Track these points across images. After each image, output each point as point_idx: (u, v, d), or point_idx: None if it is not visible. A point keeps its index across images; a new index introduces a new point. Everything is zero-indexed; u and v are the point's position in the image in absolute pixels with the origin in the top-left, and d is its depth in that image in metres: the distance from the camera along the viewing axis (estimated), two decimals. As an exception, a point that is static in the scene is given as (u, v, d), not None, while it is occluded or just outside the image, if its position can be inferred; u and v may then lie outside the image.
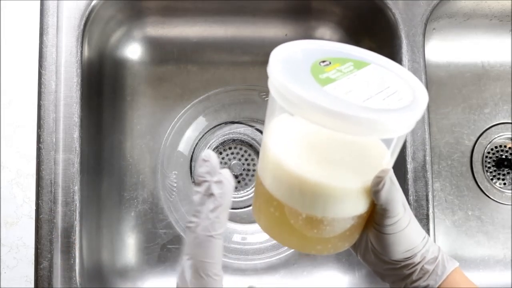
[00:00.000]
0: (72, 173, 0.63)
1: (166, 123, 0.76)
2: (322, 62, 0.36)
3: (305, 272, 0.75)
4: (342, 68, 0.36)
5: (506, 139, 0.80)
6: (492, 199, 0.79)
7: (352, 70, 0.36)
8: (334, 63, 0.36)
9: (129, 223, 0.74)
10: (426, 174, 0.66)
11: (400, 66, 0.39)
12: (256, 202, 0.41)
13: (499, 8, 0.77)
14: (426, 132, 0.67)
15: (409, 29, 0.69)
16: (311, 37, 0.79)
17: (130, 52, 0.77)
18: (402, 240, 0.42)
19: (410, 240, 0.42)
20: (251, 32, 0.78)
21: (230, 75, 0.78)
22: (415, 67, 0.68)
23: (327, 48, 0.38)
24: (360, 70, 0.37)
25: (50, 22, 0.65)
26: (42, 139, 0.63)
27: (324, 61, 0.36)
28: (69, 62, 0.65)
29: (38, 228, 0.61)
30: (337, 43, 0.39)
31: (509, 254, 0.78)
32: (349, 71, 0.36)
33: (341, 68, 0.36)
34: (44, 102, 0.63)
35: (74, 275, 0.61)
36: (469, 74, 0.81)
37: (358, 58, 0.38)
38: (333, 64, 0.36)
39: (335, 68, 0.36)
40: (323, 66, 0.36)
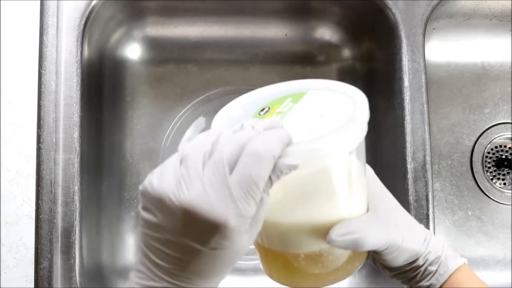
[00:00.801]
0: (72, 173, 0.63)
1: (166, 123, 0.76)
2: (261, 111, 0.37)
3: (305, 272, 0.75)
4: (281, 108, 0.37)
5: (506, 139, 0.80)
6: (492, 199, 0.79)
7: (291, 107, 0.37)
8: (273, 106, 0.37)
9: (129, 223, 0.74)
10: (426, 174, 0.66)
11: (335, 82, 0.39)
12: (261, 260, 0.43)
13: (499, 8, 0.77)
14: (426, 132, 0.67)
15: (409, 29, 0.69)
16: (311, 37, 0.79)
17: (130, 52, 0.77)
18: (401, 253, 0.42)
19: (409, 250, 0.42)
20: (251, 32, 0.78)
21: (230, 75, 0.78)
22: (415, 67, 0.68)
23: (266, 94, 0.40)
24: (299, 102, 0.37)
25: (50, 22, 0.65)
26: (42, 139, 0.63)
27: (263, 109, 0.38)
28: (69, 62, 0.65)
29: (38, 228, 0.61)
30: (276, 85, 0.40)
31: (509, 254, 0.78)
32: (288, 109, 0.37)
33: (280, 108, 0.37)
34: (44, 102, 0.63)
35: (74, 275, 0.61)
36: (469, 74, 0.81)
37: (296, 91, 0.39)
38: (272, 108, 0.37)
39: (274, 112, 0.37)
40: (263, 115, 0.37)
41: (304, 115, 0.36)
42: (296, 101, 0.38)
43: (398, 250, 0.41)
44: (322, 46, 0.79)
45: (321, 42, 0.79)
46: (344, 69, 0.79)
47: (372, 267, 0.74)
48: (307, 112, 0.36)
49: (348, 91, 0.38)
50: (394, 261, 0.42)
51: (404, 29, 0.69)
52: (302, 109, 0.37)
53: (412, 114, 0.67)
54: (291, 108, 0.37)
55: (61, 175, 0.62)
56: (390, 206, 0.42)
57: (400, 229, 0.41)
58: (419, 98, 0.68)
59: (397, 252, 0.41)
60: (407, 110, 0.67)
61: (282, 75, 0.78)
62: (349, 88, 0.38)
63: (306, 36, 0.79)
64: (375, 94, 0.74)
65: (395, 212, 0.41)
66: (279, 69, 0.79)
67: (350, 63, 0.79)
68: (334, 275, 0.41)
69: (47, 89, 0.64)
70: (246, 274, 0.74)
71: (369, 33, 0.76)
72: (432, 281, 0.43)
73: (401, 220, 0.41)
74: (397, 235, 0.40)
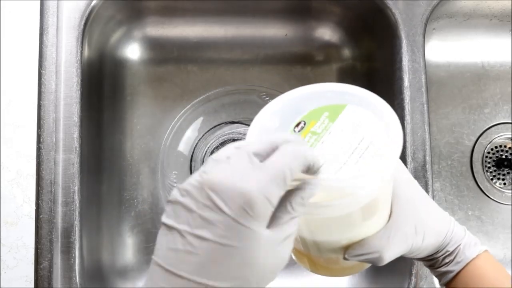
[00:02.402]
0: (72, 173, 0.63)
1: (166, 123, 0.76)
2: (296, 127, 0.37)
3: (305, 272, 0.75)
4: (317, 126, 0.37)
5: (506, 139, 0.80)
6: (492, 199, 0.79)
7: (327, 126, 0.37)
8: (309, 122, 0.37)
9: (129, 223, 0.74)
10: (426, 174, 0.66)
11: (371, 94, 0.39)
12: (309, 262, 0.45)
13: (499, 8, 0.77)
14: (426, 132, 0.67)
15: (409, 29, 0.69)
16: (311, 37, 0.79)
17: (130, 52, 0.77)
18: (421, 252, 0.43)
19: (430, 248, 0.43)
20: (251, 32, 0.78)
21: (230, 75, 0.78)
22: (415, 67, 0.68)
23: (304, 101, 0.39)
24: (335, 122, 0.37)
25: (50, 22, 0.65)
26: (42, 139, 0.63)
27: (298, 123, 0.37)
28: (69, 62, 0.65)
29: (38, 228, 0.61)
30: (315, 87, 0.40)
31: (509, 254, 0.78)
32: (323, 129, 0.37)
33: (316, 126, 0.37)
34: (44, 102, 0.63)
35: (74, 275, 0.61)
36: (469, 74, 0.81)
37: (334, 102, 0.38)
38: (308, 124, 0.37)
39: (310, 131, 0.37)
40: (298, 132, 0.37)
41: (339, 144, 0.36)
42: (332, 119, 0.37)
43: (418, 250, 0.42)
44: (322, 46, 0.79)
45: (321, 42, 0.79)
46: (344, 69, 0.79)
47: (372, 267, 0.74)
48: (342, 138, 0.36)
49: (382, 109, 0.38)
50: (414, 257, 0.43)
51: (404, 29, 0.69)
52: (338, 133, 0.37)
53: (412, 114, 0.67)
54: (327, 129, 0.37)
55: (61, 175, 0.62)
56: (411, 209, 0.42)
57: (421, 231, 0.41)
58: (419, 98, 0.68)
59: (417, 252, 0.42)
60: (407, 110, 0.67)
61: (282, 75, 0.78)
62: (383, 105, 0.38)
63: (306, 36, 0.79)
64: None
65: (416, 213, 0.41)
66: (279, 69, 0.79)
67: (350, 63, 0.79)
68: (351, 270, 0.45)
69: (47, 89, 0.64)
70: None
71: (369, 33, 0.76)
72: (449, 268, 0.43)
73: (422, 221, 0.42)
74: (416, 239, 0.41)
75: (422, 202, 0.43)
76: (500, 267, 0.44)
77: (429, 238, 0.42)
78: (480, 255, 0.43)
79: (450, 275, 0.43)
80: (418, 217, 0.42)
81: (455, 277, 0.43)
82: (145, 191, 0.75)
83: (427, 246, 0.42)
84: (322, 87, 0.39)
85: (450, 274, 0.43)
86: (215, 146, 0.76)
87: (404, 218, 0.41)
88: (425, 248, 0.42)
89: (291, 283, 0.74)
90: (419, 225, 0.41)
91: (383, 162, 0.34)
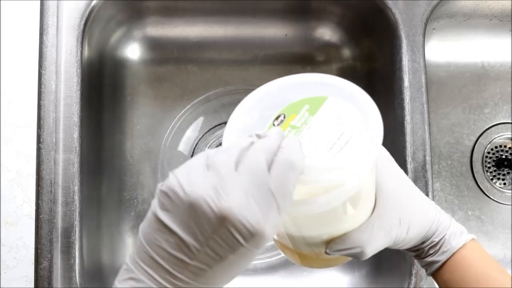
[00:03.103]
0: (72, 173, 0.63)
1: (166, 123, 0.76)
2: (276, 120, 0.37)
3: (305, 272, 0.75)
4: (297, 119, 0.36)
5: (506, 139, 0.80)
6: (492, 199, 0.79)
7: (307, 120, 0.36)
8: (289, 115, 0.37)
9: (129, 223, 0.74)
10: (426, 174, 0.66)
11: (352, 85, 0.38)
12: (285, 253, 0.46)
13: (499, 8, 0.77)
14: (426, 132, 0.67)
15: (409, 29, 0.69)
16: (311, 37, 0.79)
17: (130, 52, 0.77)
18: (406, 244, 0.43)
19: (414, 239, 0.42)
20: (251, 32, 0.78)
21: (230, 75, 0.78)
22: (415, 67, 0.68)
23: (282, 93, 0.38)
24: (315, 115, 0.37)
25: (50, 22, 0.65)
26: (42, 139, 0.63)
27: (278, 117, 0.37)
28: (69, 62, 0.65)
29: (38, 228, 0.61)
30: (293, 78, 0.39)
31: (509, 254, 0.78)
32: (303, 123, 0.36)
33: (296, 120, 0.36)
34: (44, 102, 0.63)
35: (74, 275, 0.61)
36: (469, 74, 0.81)
37: (314, 94, 0.38)
38: (288, 117, 0.37)
39: (289, 125, 0.36)
40: (278, 125, 0.36)
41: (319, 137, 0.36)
42: (313, 112, 0.37)
43: (403, 242, 0.42)
44: (322, 46, 0.79)
45: (321, 42, 0.79)
46: (344, 69, 0.79)
47: (372, 267, 0.74)
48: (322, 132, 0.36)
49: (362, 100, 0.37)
50: (399, 248, 0.43)
51: (404, 29, 0.69)
52: (318, 127, 0.36)
53: (412, 114, 0.67)
54: (306, 123, 0.36)
55: (61, 175, 0.62)
56: (395, 201, 0.41)
57: (405, 223, 0.41)
58: (419, 98, 0.68)
59: (402, 244, 0.42)
60: (407, 110, 0.67)
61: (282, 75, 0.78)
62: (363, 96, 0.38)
63: (306, 36, 0.79)
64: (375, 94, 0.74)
65: (400, 205, 0.41)
66: (279, 69, 0.79)
67: (350, 63, 0.79)
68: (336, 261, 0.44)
69: (47, 89, 0.64)
70: (246, 274, 0.74)
71: (369, 33, 0.76)
72: (435, 258, 0.43)
73: (406, 213, 0.41)
74: (400, 231, 0.41)
75: (406, 194, 0.42)
76: (487, 256, 0.43)
77: (413, 230, 0.41)
78: (467, 244, 0.43)
79: (436, 265, 0.43)
80: (402, 208, 0.41)
81: (441, 267, 0.43)
82: (145, 191, 0.75)
83: (412, 238, 0.42)
84: (302, 78, 0.39)
85: (436, 264, 0.43)
86: (215, 146, 0.76)
87: (388, 210, 0.40)
88: (410, 239, 0.42)
89: (291, 283, 0.74)
90: (403, 217, 0.41)
91: (363, 154, 0.34)
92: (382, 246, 0.40)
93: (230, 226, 0.28)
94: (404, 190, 0.42)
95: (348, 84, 0.38)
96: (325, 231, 0.39)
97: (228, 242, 0.29)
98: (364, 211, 0.40)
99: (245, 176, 0.29)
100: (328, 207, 0.35)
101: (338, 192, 0.34)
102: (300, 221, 0.38)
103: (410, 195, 0.42)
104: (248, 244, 0.29)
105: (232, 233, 0.28)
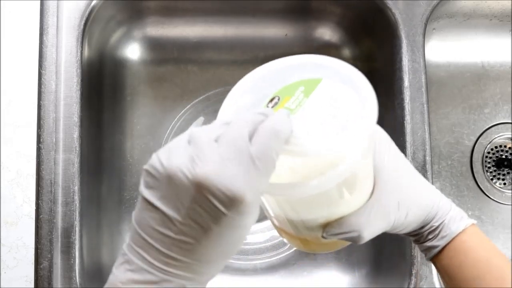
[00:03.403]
0: (72, 173, 0.63)
1: (166, 123, 0.76)
2: (270, 102, 0.36)
3: (305, 272, 0.75)
4: (291, 101, 0.36)
5: (506, 139, 0.80)
6: (492, 199, 0.79)
7: (301, 102, 0.36)
8: (284, 97, 0.36)
9: (129, 223, 0.74)
10: (426, 174, 0.66)
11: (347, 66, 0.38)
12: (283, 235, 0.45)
13: (499, 8, 0.77)
14: (426, 132, 0.67)
15: (409, 29, 0.69)
16: (311, 37, 0.79)
17: (130, 52, 0.77)
18: (405, 228, 0.42)
19: (413, 223, 0.42)
20: (251, 32, 0.78)
21: (230, 75, 0.78)
22: (415, 67, 0.68)
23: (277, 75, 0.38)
24: (310, 96, 0.36)
25: (50, 22, 0.65)
26: (42, 139, 0.63)
27: (272, 99, 0.36)
28: (69, 62, 0.65)
29: (38, 228, 0.61)
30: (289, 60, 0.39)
31: (509, 254, 0.78)
32: (297, 104, 0.36)
33: (290, 102, 0.36)
34: (44, 102, 0.63)
35: (74, 275, 0.61)
36: (469, 74, 0.81)
37: (309, 76, 0.37)
38: (282, 99, 0.36)
39: (284, 107, 0.36)
40: (272, 107, 0.36)
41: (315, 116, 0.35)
42: (307, 94, 0.36)
43: (401, 226, 0.41)
44: (322, 46, 0.79)
45: (321, 42, 0.79)
46: (344, 69, 0.79)
47: (372, 267, 0.74)
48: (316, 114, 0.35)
49: (358, 82, 0.37)
50: (398, 233, 0.42)
51: (404, 29, 0.69)
52: (312, 109, 0.36)
53: (412, 114, 0.67)
54: (301, 104, 0.36)
55: (61, 175, 0.62)
56: (394, 184, 0.40)
57: (404, 207, 0.40)
58: (419, 98, 0.68)
59: (401, 228, 0.41)
60: (407, 110, 0.67)
61: (282, 75, 0.78)
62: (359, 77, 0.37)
63: (306, 36, 0.79)
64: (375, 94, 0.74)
65: (399, 188, 0.40)
66: (279, 69, 0.79)
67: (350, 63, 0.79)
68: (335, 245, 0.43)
69: (47, 89, 0.64)
70: (246, 274, 0.74)
71: (369, 33, 0.76)
72: (434, 243, 0.42)
73: (405, 197, 0.40)
74: (399, 215, 0.40)
75: (406, 177, 0.41)
76: (486, 241, 0.42)
77: (412, 214, 0.40)
78: (467, 229, 0.42)
79: (435, 250, 0.42)
80: (401, 192, 0.40)
81: (440, 252, 0.42)
82: (145, 191, 0.75)
83: (411, 222, 0.41)
84: (298, 60, 0.38)
85: (435, 249, 0.42)
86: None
87: (386, 194, 0.39)
88: (409, 224, 0.41)
89: (291, 283, 0.74)
90: (402, 201, 0.40)
91: (357, 136, 0.34)
92: (380, 230, 0.40)
93: (207, 193, 0.28)
94: (404, 173, 0.41)
95: (345, 65, 0.38)
96: (321, 214, 0.39)
97: (208, 211, 0.28)
98: (361, 195, 0.39)
99: (224, 145, 0.29)
100: (321, 189, 0.34)
101: (331, 174, 0.34)
102: (297, 205, 0.38)
103: (410, 179, 0.42)
104: (229, 211, 0.28)
105: (210, 200, 0.28)
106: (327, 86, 0.37)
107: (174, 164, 0.28)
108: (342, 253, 0.75)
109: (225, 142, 0.29)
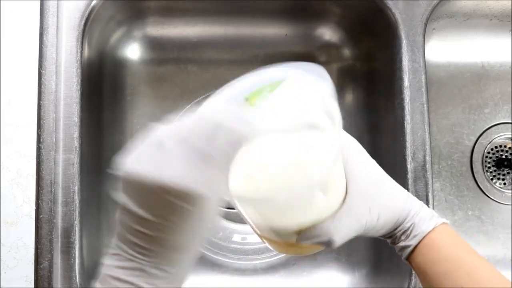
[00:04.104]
0: (72, 173, 0.63)
1: (166, 123, 0.76)
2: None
3: (305, 272, 0.75)
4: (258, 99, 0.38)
5: (506, 139, 0.80)
6: (492, 199, 0.79)
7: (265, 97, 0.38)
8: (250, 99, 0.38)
9: (129, 223, 0.74)
10: (426, 174, 0.66)
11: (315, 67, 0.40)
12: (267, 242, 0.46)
13: (499, 8, 0.77)
14: (426, 132, 0.67)
15: (409, 29, 0.69)
16: (311, 37, 0.79)
17: (130, 52, 0.77)
18: (377, 231, 0.43)
19: (385, 227, 0.43)
20: (251, 31, 0.78)
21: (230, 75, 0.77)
22: (415, 67, 0.68)
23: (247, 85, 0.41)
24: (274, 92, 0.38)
25: (50, 22, 0.65)
26: (42, 139, 0.63)
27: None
28: (69, 62, 0.65)
29: (38, 228, 0.61)
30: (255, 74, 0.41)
31: (509, 254, 0.78)
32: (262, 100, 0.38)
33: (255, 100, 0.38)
34: (44, 102, 0.63)
35: (74, 275, 0.61)
36: (469, 74, 0.81)
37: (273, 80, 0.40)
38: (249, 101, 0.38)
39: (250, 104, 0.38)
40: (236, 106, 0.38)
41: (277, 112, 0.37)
42: (272, 90, 0.39)
43: (374, 229, 0.43)
44: (322, 46, 0.79)
45: (321, 42, 0.79)
46: (344, 69, 0.79)
47: (372, 267, 0.74)
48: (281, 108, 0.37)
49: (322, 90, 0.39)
50: (372, 235, 0.44)
51: (404, 29, 0.69)
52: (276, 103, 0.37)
53: (412, 114, 0.67)
54: (265, 99, 0.38)
55: (61, 175, 0.62)
56: (364, 190, 0.42)
57: (375, 211, 0.42)
58: (419, 98, 0.68)
59: (374, 231, 0.43)
60: (407, 110, 0.67)
61: (282, 75, 0.78)
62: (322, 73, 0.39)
63: (306, 36, 0.79)
64: (375, 94, 0.74)
65: (370, 193, 0.42)
66: (279, 69, 0.79)
67: (350, 63, 0.79)
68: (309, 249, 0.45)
69: (47, 89, 0.64)
70: (246, 274, 0.74)
71: (369, 33, 0.76)
72: (407, 243, 0.44)
73: (376, 201, 0.42)
74: (370, 218, 0.42)
75: (376, 182, 0.43)
76: (457, 238, 0.44)
77: (384, 217, 0.42)
78: (437, 228, 0.44)
79: (409, 249, 0.44)
80: (371, 197, 0.42)
81: (413, 251, 0.44)
82: (145, 191, 0.75)
83: (384, 225, 0.43)
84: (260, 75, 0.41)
85: (408, 249, 0.44)
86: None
87: (357, 199, 0.41)
88: (381, 226, 0.43)
89: (291, 283, 0.74)
90: (372, 205, 0.42)
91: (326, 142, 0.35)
92: (352, 234, 0.41)
93: (175, 195, 0.30)
94: (374, 178, 0.43)
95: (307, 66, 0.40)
96: (292, 222, 0.40)
97: (177, 210, 0.31)
98: (332, 200, 0.41)
99: (187, 146, 0.31)
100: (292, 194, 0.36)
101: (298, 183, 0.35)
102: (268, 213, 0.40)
103: (380, 183, 0.43)
104: (195, 207, 0.31)
105: (177, 201, 0.30)
106: (292, 83, 0.39)
107: (145, 171, 0.31)
108: (342, 253, 0.75)
109: (188, 144, 0.31)
